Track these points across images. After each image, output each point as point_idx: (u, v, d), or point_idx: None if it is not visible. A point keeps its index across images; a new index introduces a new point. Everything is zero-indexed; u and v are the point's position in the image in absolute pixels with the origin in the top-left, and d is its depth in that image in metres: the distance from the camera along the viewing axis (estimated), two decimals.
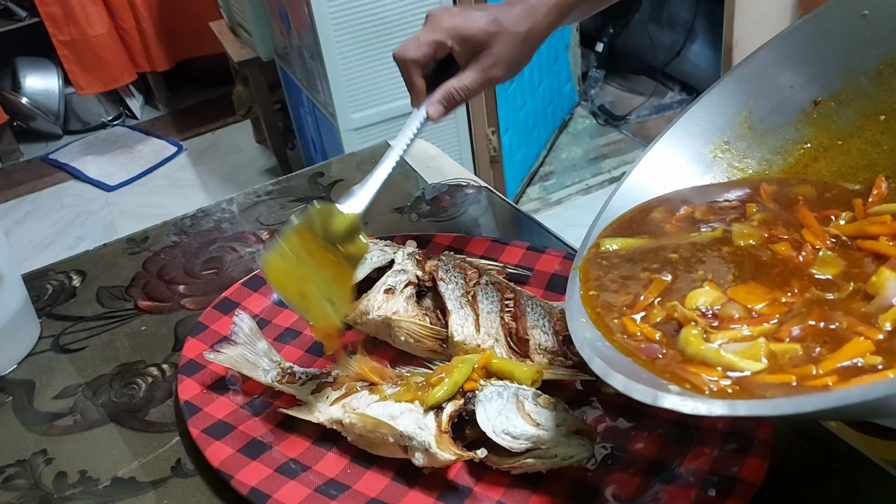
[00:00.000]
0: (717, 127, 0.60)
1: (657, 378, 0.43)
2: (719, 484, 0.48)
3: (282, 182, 0.94)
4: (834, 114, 0.56)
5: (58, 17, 2.79)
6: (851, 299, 0.44)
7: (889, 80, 0.54)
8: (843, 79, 0.56)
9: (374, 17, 1.69)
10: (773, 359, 0.42)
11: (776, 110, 0.58)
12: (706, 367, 0.42)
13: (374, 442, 0.54)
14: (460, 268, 0.66)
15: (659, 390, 0.40)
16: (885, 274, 0.43)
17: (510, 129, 2.10)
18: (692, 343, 0.44)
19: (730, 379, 0.41)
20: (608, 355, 0.46)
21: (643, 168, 0.60)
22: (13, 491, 0.58)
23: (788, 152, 0.58)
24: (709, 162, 0.60)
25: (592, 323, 0.49)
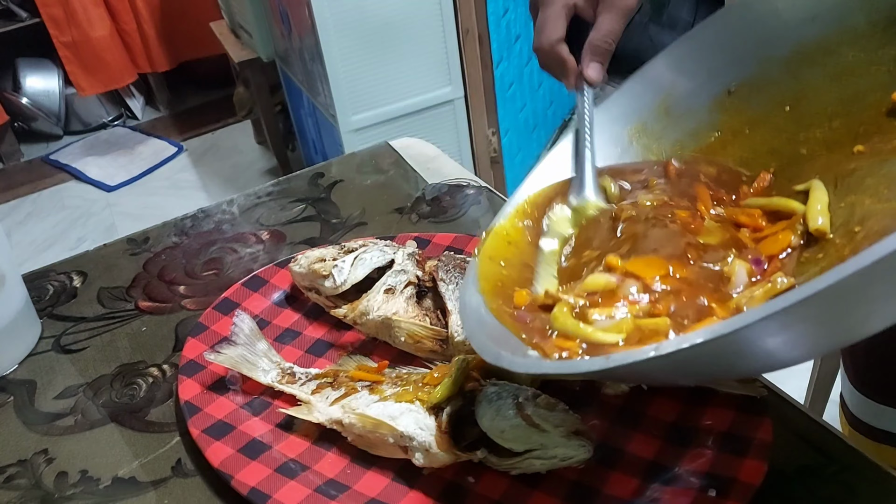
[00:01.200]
0: (636, 110, 0.61)
1: (522, 345, 0.46)
2: (718, 485, 0.48)
3: (282, 183, 0.94)
4: (745, 101, 0.58)
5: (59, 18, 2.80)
6: (721, 279, 0.47)
7: (797, 69, 0.56)
8: (757, 66, 0.57)
9: (374, 19, 1.69)
10: (636, 332, 0.44)
11: (693, 94, 0.60)
12: (566, 340, 0.45)
13: (374, 442, 0.55)
14: (460, 268, 0.66)
15: (513, 354, 0.44)
16: (735, 263, 0.47)
17: (511, 131, 2.11)
18: (557, 318, 0.47)
19: (585, 351, 0.44)
20: (486, 321, 0.48)
21: (561, 150, 0.61)
22: (14, 491, 0.58)
23: (701, 136, 0.59)
24: (626, 144, 0.61)
25: (482, 293, 0.51)
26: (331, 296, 0.67)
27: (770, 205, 0.52)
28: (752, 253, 0.48)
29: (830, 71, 0.54)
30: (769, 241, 0.49)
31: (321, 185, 0.93)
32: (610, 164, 0.60)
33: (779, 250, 0.48)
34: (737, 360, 0.36)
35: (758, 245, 0.49)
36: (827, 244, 0.47)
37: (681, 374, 0.43)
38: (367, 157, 0.97)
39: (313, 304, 0.70)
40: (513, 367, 0.43)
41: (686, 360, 0.35)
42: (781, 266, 0.47)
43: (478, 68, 1.87)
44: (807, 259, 0.47)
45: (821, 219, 0.48)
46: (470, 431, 0.54)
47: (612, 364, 0.36)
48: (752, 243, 0.50)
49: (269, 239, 0.84)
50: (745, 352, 0.34)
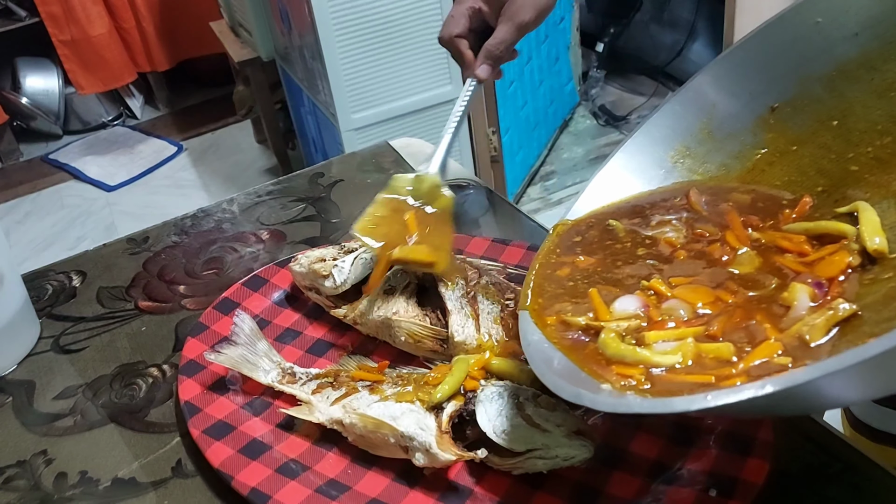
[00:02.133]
0: (678, 132, 0.61)
1: (590, 378, 0.45)
2: (720, 485, 0.48)
3: (282, 182, 0.94)
4: (790, 120, 0.57)
5: (58, 16, 2.79)
6: (773, 301, 0.47)
7: (841, 86, 0.55)
8: (798, 85, 0.57)
9: (374, 17, 1.69)
10: (697, 358, 0.44)
11: (735, 116, 0.60)
12: (627, 367, 0.45)
13: (375, 442, 0.54)
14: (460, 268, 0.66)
15: (589, 390, 0.43)
16: (795, 287, 0.46)
17: (511, 129, 2.10)
18: (610, 345, 0.47)
19: (647, 378, 0.44)
20: (550, 355, 0.48)
21: (605, 175, 0.62)
22: (13, 492, 0.58)
23: (746, 157, 0.59)
24: (669, 167, 0.61)
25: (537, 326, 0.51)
26: (331, 296, 0.67)
27: (816, 228, 0.51)
28: (812, 277, 0.47)
29: (876, 87, 0.53)
30: (823, 264, 0.48)
31: (321, 184, 0.92)
32: (654, 186, 0.61)
33: (836, 273, 0.47)
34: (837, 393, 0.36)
35: (813, 269, 0.48)
36: (887, 263, 0.46)
37: (771, 409, 0.43)
38: (367, 156, 0.97)
39: (313, 304, 0.70)
40: (595, 405, 0.42)
41: (783, 398, 0.34)
42: (842, 290, 0.46)
43: None
44: (870, 280, 0.45)
45: (878, 238, 0.47)
46: (471, 431, 0.54)
47: (712, 403, 0.35)
48: (801, 268, 0.49)
49: (269, 238, 0.84)
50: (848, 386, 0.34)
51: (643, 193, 0.61)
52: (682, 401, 0.37)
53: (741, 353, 0.43)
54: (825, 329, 0.42)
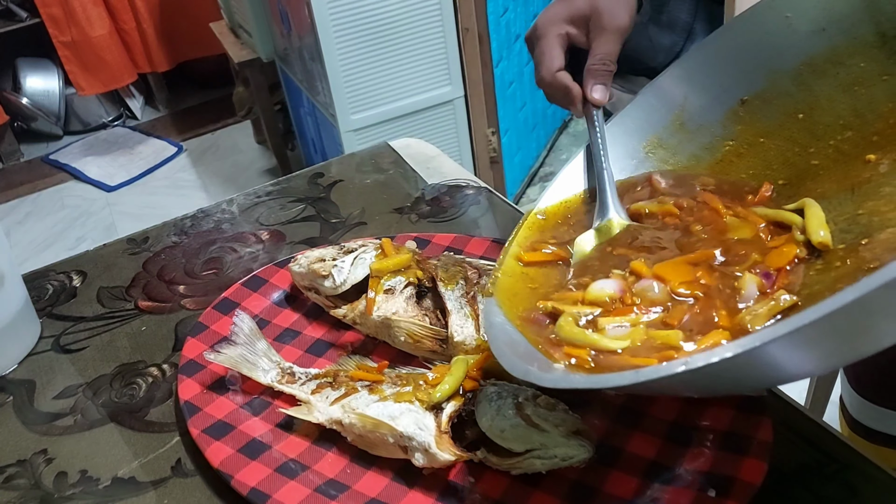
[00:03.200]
0: (651, 124, 0.62)
1: (546, 359, 0.47)
2: (718, 485, 0.48)
3: (282, 183, 0.94)
4: (759, 112, 0.59)
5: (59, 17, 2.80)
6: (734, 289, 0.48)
7: (808, 80, 0.56)
8: (767, 79, 0.58)
9: (374, 18, 1.69)
10: (646, 343, 0.46)
11: (707, 108, 0.61)
12: (575, 348, 0.47)
13: (374, 442, 0.55)
14: (460, 268, 0.66)
15: (541, 370, 0.45)
16: (745, 277, 0.48)
17: (510, 130, 2.11)
18: (563, 328, 0.49)
19: (594, 360, 0.46)
20: (513, 338, 0.49)
21: (577, 164, 0.62)
22: (13, 491, 0.58)
23: (716, 148, 0.60)
24: (641, 157, 0.62)
25: (503, 310, 0.52)
26: (330, 296, 0.67)
27: (775, 216, 0.52)
28: (761, 267, 0.49)
29: (842, 81, 0.55)
30: (774, 253, 0.50)
31: (321, 184, 0.93)
32: (625, 175, 0.62)
33: (784, 263, 0.48)
34: (758, 374, 0.37)
35: (764, 258, 0.50)
36: (831, 256, 0.47)
37: (703, 387, 0.44)
38: (366, 156, 0.97)
39: (313, 304, 0.70)
40: (541, 381, 0.43)
41: (710, 375, 0.35)
42: (788, 280, 0.47)
43: (477, 68, 1.87)
44: (815, 272, 0.47)
45: (822, 231, 0.48)
46: (470, 431, 0.54)
47: (643, 378, 0.36)
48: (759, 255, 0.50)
49: (268, 239, 0.84)
50: (764, 367, 0.35)
51: (570, 199, 0.62)
52: (615, 377, 0.39)
53: (690, 339, 0.45)
54: (766, 318, 0.44)
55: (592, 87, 0.61)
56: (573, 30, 0.61)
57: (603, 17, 0.60)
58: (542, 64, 0.61)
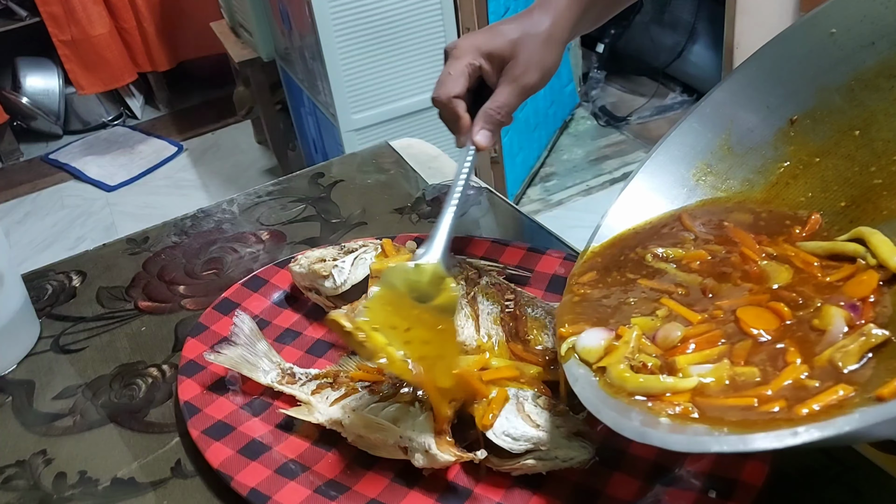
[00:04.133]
0: (698, 150, 0.61)
1: (640, 411, 0.44)
2: (720, 487, 0.48)
3: (282, 182, 0.94)
4: (810, 131, 0.57)
5: (59, 16, 2.79)
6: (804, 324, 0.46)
7: (860, 95, 0.54)
8: (817, 97, 0.56)
9: (375, 18, 1.69)
10: (732, 380, 0.44)
11: (754, 130, 0.59)
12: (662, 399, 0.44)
13: (374, 443, 0.54)
14: (460, 269, 0.66)
15: (648, 427, 0.42)
16: (830, 311, 0.45)
17: (511, 131, 2.10)
18: (628, 380, 0.46)
19: (690, 404, 0.43)
20: (600, 391, 0.47)
21: (627, 197, 0.61)
22: (13, 491, 0.58)
23: (769, 171, 0.58)
24: (692, 185, 0.61)
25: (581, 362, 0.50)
26: (331, 296, 0.67)
27: (834, 248, 0.50)
28: (845, 299, 0.46)
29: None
30: (852, 283, 0.47)
31: (321, 184, 0.92)
32: (678, 205, 0.60)
33: (868, 292, 0.46)
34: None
35: (841, 290, 0.47)
36: None
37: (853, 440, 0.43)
38: (367, 156, 0.97)
39: (313, 305, 0.70)
40: (667, 445, 0.40)
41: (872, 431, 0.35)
42: (875, 312, 0.45)
43: None
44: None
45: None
46: (470, 432, 0.54)
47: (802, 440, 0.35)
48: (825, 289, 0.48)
49: (269, 239, 0.84)
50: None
51: (624, 233, 0.60)
52: (764, 438, 0.36)
53: (767, 377, 0.43)
54: (858, 355, 0.42)
55: (479, 130, 0.62)
56: (486, 65, 0.62)
57: (517, 68, 0.61)
58: (443, 84, 0.62)
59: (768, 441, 0.36)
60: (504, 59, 0.61)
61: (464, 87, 0.62)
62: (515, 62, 0.61)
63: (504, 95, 0.61)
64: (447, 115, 0.63)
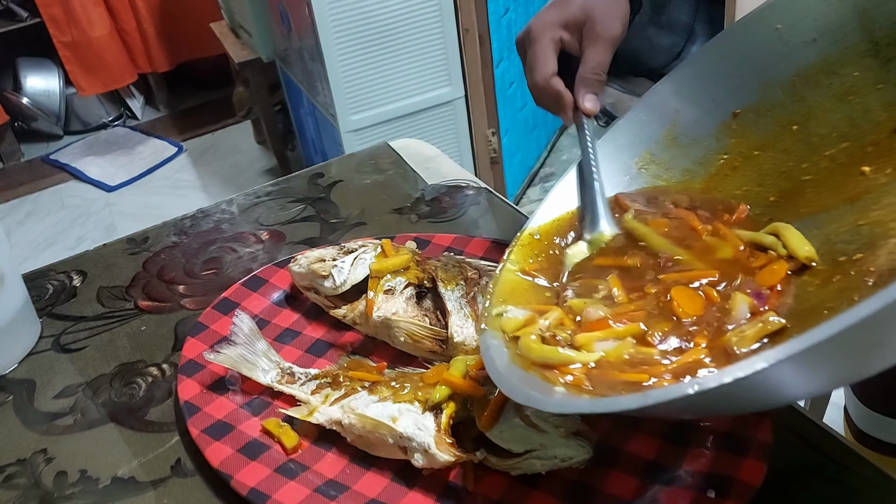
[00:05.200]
0: (643, 139, 0.61)
1: (545, 383, 0.45)
2: (717, 485, 0.48)
3: (282, 183, 0.94)
4: (752, 125, 0.58)
5: (59, 17, 2.79)
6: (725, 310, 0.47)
7: (801, 91, 0.56)
8: (760, 91, 0.58)
9: (374, 19, 1.69)
10: (632, 357, 0.45)
11: (699, 122, 0.60)
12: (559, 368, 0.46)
13: (374, 442, 0.55)
14: (460, 268, 0.66)
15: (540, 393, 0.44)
16: (737, 297, 0.47)
17: (510, 131, 2.11)
18: (532, 348, 0.48)
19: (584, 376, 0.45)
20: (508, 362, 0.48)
21: (569, 182, 0.61)
22: (13, 490, 0.58)
23: (710, 163, 0.59)
24: (634, 173, 0.61)
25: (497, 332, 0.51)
26: (330, 296, 0.67)
27: (755, 238, 0.52)
28: (753, 286, 0.48)
29: (836, 91, 0.54)
30: (765, 272, 0.49)
31: (321, 185, 0.93)
32: (618, 191, 0.61)
33: (776, 280, 0.48)
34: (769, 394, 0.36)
35: (755, 276, 0.49)
36: (830, 269, 0.47)
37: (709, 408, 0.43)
38: (366, 157, 0.97)
39: (313, 304, 0.70)
40: (545, 406, 0.42)
41: (721, 396, 0.35)
42: (780, 301, 0.46)
43: (478, 68, 1.87)
44: (816, 287, 0.46)
45: (806, 246, 0.49)
46: (469, 432, 0.54)
47: (651, 401, 0.35)
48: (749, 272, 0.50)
49: (268, 239, 0.84)
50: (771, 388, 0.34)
51: (563, 216, 0.60)
52: (621, 400, 0.38)
53: (665, 356, 0.45)
54: (753, 340, 0.43)
55: (584, 97, 0.60)
56: (566, 35, 0.61)
57: (596, 25, 0.60)
58: (535, 68, 0.61)
59: (626, 402, 0.37)
60: (580, 23, 0.60)
61: (555, 64, 0.60)
62: (593, 22, 0.60)
63: (595, 55, 0.60)
64: (549, 97, 0.61)
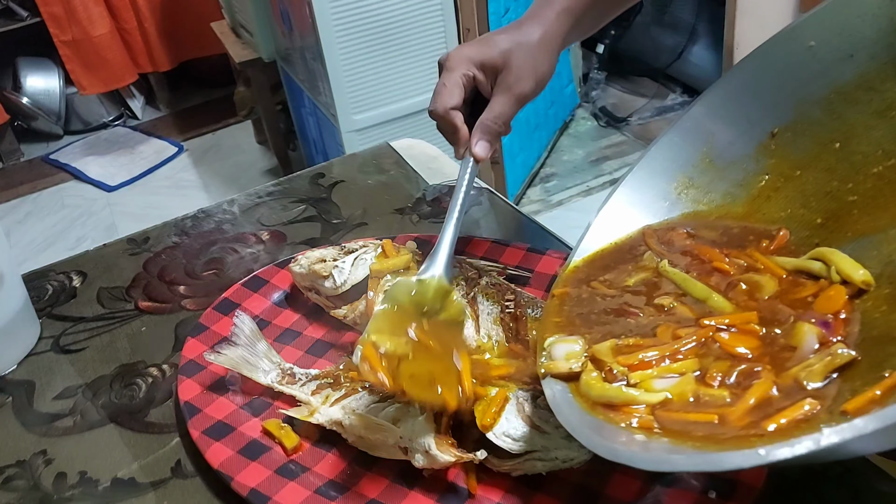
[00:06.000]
0: (679, 164, 0.61)
1: (617, 428, 0.44)
2: (720, 487, 0.48)
3: (283, 183, 0.94)
4: (791, 144, 0.57)
5: (59, 16, 2.79)
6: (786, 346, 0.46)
7: (839, 108, 0.54)
8: (796, 109, 0.56)
9: (375, 18, 1.69)
10: (696, 397, 0.44)
11: (735, 144, 0.59)
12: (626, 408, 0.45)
13: (374, 443, 0.54)
14: (460, 269, 0.66)
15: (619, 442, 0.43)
16: (802, 328, 0.45)
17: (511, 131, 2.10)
18: (594, 388, 0.46)
19: (651, 417, 0.44)
20: (576, 407, 0.47)
21: (609, 211, 0.61)
22: (13, 492, 0.58)
23: (750, 184, 0.58)
24: (674, 199, 0.61)
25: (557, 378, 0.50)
26: (331, 296, 0.67)
27: (801, 265, 0.51)
28: (816, 315, 0.46)
29: (876, 108, 0.52)
30: (821, 299, 0.47)
31: (322, 185, 0.92)
32: (660, 218, 0.60)
33: (838, 307, 0.46)
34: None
35: (812, 306, 0.47)
36: (884, 296, 0.45)
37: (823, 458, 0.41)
38: (368, 157, 0.97)
39: (313, 305, 0.70)
40: (639, 465, 0.40)
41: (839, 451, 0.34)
42: (846, 331, 0.44)
43: None
44: (882, 313, 0.45)
45: (860, 270, 0.47)
46: (470, 433, 0.54)
47: (771, 459, 0.34)
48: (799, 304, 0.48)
49: (269, 239, 0.84)
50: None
51: (606, 247, 0.60)
52: (734, 456, 0.36)
53: (736, 398, 0.43)
54: (822, 374, 0.42)
55: (477, 142, 0.62)
56: (480, 75, 0.62)
57: (510, 76, 0.61)
58: (439, 96, 0.62)
59: (738, 460, 0.36)
60: (497, 68, 0.61)
61: (459, 98, 0.61)
62: (508, 71, 0.61)
63: (499, 105, 0.61)
64: (445, 127, 0.63)
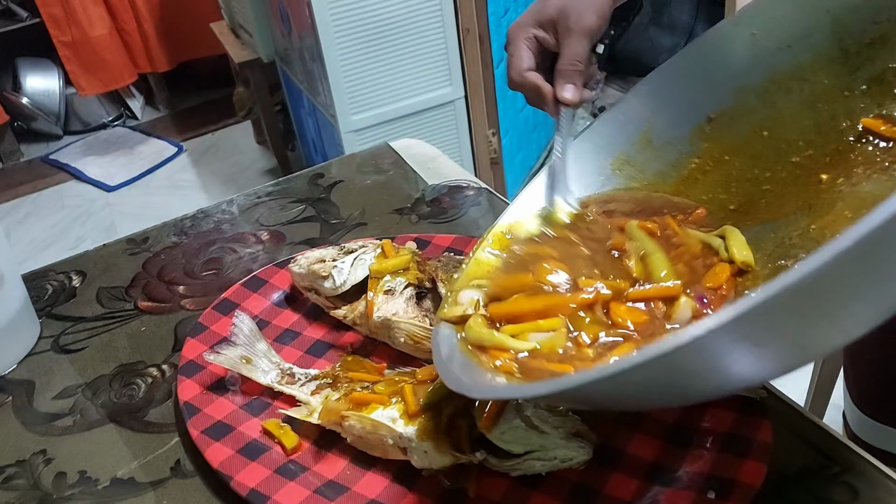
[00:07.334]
0: (619, 141, 0.62)
1: (485, 371, 0.46)
2: (718, 487, 0.48)
3: (282, 183, 0.94)
4: (725, 129, 0.58)
5: (59, 17, 2.79)
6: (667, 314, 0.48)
7: (773, 96, 0.56)
8: (735, 96, 0.58)
9: (375, 19, 1.69)
10: (565, 350, 0.46)
11: (674, 125, 0.60)
12: (496, 350, 0.47)
13: (373, 443, 0.55)
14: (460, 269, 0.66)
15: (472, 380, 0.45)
16: (680, 302, 0.48)
17: (511, 131, 2.10)
18: (472, 328, 0.49)
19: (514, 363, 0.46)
20: (457, 350, 0.49)
21: (542, 181, 0.61)
22: (12, 491, 0.58)
23: (682, 165, 0.60)
24: (609, 174, 0.61)
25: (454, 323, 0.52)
26: (330, 296, 0.67)
27: (703, 238, 0.53)
28: (696, 290, 0.48)
29: (806, 98, 0.55)
30: (710, 274, 0.50)
31: (321, 185, 0.93)
32: (591, 192, 0.61)
33: (720, 282, 0.49)
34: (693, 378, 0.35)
35: (701, 279, 0.50)
36: (761, 275, 0.48)
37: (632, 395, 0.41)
38: (367, 157, 0.97)
39: (313, 305, 0.70)
40: (470, 393, 0.44)
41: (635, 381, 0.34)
42: (723, 303, 0.47)
43: (478, 68, 1.86)
44: (746, 293, 0.47)
45: (744, 251, 0.49)
46: (469, 433, 0.54)
47: (561, 387, 0.35)
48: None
49: (268, 239, 0.84)
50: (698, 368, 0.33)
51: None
52: (534, 386, 0.38)
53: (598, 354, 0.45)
54: None
55: (563, 87, 0.60)
56: (541, 33, 0.61)
57: (570, 18, 0.60)
58: (511, 66, 0.62)
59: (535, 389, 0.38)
60: (554, 21, 0.61)
61: (530, 60, 0.61)
62: (566, 17, 0.60)
63: (569, 47, 0.60)
64: (528, 91, 0.62)
